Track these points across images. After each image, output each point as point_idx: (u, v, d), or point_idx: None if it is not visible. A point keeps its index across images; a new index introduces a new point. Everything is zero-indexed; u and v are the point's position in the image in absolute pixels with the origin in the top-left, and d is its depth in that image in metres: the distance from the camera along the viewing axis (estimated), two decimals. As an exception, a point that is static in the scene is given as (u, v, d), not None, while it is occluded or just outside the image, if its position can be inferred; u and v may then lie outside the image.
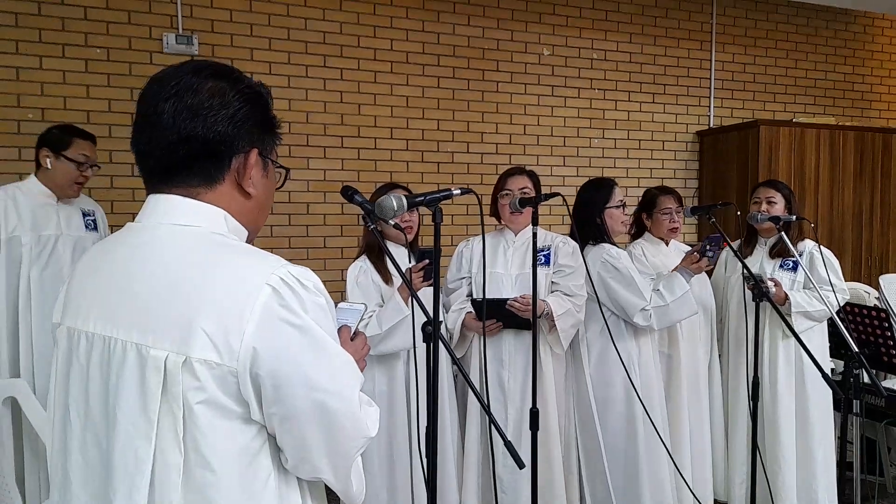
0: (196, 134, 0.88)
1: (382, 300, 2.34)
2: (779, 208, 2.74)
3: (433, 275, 1.62)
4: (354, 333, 1.12)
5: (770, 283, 2.62)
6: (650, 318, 2.52)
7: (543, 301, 2.40)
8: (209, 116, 0.89)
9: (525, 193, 2.49)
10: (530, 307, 2.20)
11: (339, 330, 1.18)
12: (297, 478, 0.92)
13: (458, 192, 1.56)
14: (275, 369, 0.83)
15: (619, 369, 2.48)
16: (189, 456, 0.82)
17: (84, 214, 2.60)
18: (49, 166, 2.45)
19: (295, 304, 0.84)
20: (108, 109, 3.35)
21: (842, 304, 2.70)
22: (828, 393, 2.76)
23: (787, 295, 2.63)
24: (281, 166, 1.01)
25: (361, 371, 1.15)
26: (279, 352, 0.83)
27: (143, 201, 0.96)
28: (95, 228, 2.64)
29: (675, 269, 2.62)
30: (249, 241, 1.00)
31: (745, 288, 2.60)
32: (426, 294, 1.95)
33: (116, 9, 3.35)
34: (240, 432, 0.84)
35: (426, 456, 1.54)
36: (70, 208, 2.55)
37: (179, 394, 0.82)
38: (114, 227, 3.23)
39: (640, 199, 2.99)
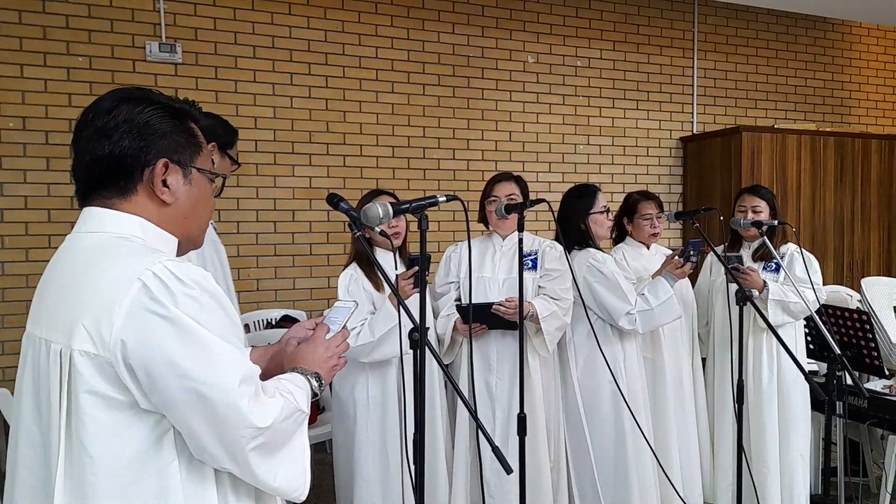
0: (104, 153, 0.97)
1: (374, 307, 2.34)
2: (764, 216, 2.78)
3: (420, 280, 1.62)
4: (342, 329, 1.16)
5: (747, 271, 2.65)
6: (635, 322, 2.54)
7: (529, 303, 2.41)
8: (114, 134, 0.97)
9: (512, 199, 2.50)
10: (517, 310, 2.20)
11: (316, 329, 1.19)
12: (217, 474, 0.95)
13: (444, 198, 1.56)
14: (145, 359, 0.87)
15: (606, 373, 2.49)
16: (72, 441, 0.89)
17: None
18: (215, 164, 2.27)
19: (164, 297, 0.88)
20: (90, 118, 3.32)
21: (820, 303, 2.73)
22: (807, 393, 2.79)
23: (765, 282, 2.67)
24: (213, 173, 1.07)
25: (337, 369, 1.18)
26: (147, 343, 0.87)
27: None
28: (273, 230, 2.45)
29: (659, 273, 2.64)
30: (191, 248, 1.08)
31: (730, 292, 2.62)
32: (415, 301, 1.95)
33: (99, 17, 3.33)
34: (130, 421, 0.90)
35: (413, 462, 1.54)
36: None
37: (66, 383, 0.89)
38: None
39: (621, 203, 3.02)
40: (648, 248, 2.92)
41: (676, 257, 2.58)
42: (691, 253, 2.55)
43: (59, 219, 3.26)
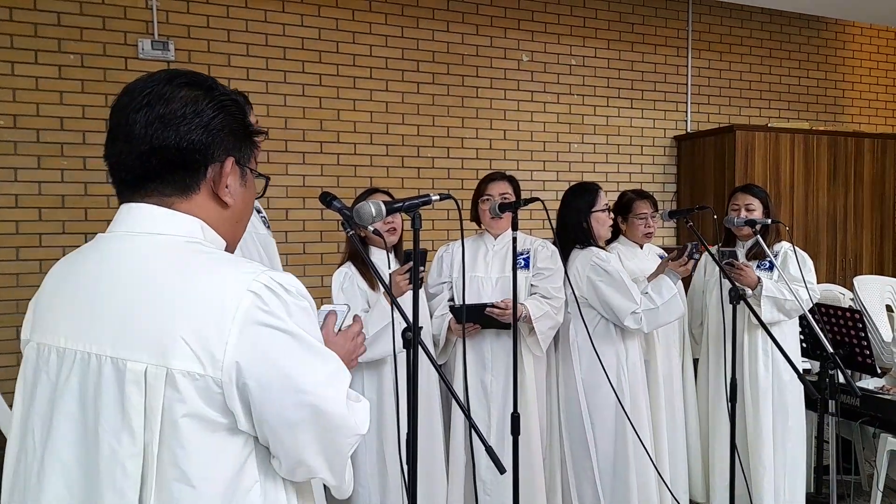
0: (168, 144, 0.86)
1: (368, 305, 2.33)
2: (757, 214, 2.78)
3: (412, 279, 1.61)
4: (339, 332, 1.13)
5: (742, 267, 2.66)
6: (641, 321, 2.53)
7: (522, 304, 2.41)
8: (181, 125, 0.87)
9: (505, 198, 2.50)
10: (510, 311, 2.20)
11: (324, 324, 1.18)
12: (284, 481, 0.90)
13: (437, 197, 1.56)
14: (262, 376, 0.81)
15: (611, 373, 2.51)
16: (166, 470, 0.80)
17: (257, 211, 2.14)
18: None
19: (279, 309, 0.83)
20: (81, 116, 3.30)
21: (814, 301, 2.74)
22: (801, 392, 2.80)
23: (759, 279, 2.67)
24: (260, 174, 1.00)
25: (350, 368, 1.14)
26: (265, 358, 0.81)
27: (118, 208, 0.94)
28: (268, 227, 2.23)
29: (657, 273, 2.64)
30: (229, 251, 0.98)
31: (723, 290, 2.63)
32: (408, 299, 1.94)
33: (90, 14, 3.30)
34: (225, 444, 0.82)
35: (406, 462, 1.53)
36: None
37: (159, 408, 0.79)
38: (88, 236, 3.17)
39: (615, 202, 3.02)
40: (642, 247, 2.93)
41: (683, 256, 2.57)
42: (694, 251, 2.56)
43: (49, 217, 3.24)
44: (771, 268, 2.79)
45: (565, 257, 2.64)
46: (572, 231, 2.66)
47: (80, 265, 0.91)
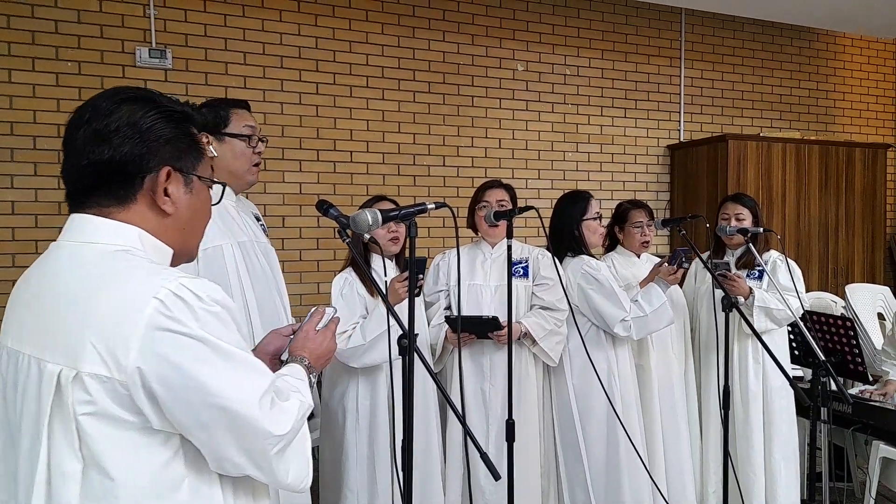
0: (102, 157, 0.92)
1: (367, 312, 2.34)
2: (747, 223, 2.81)
3: (409, 287, 1.63)
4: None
5: (735, 278, 2.68)
6: (630, 329, 2.56)
7: (519, 323, 2.44)
8: (115, 139, 0.92)
9: (502, 206, 2.52)
10: (511, 336, 2.22)
11: (309, 320, 1.20)
12: (222, 478, 0.93)
13: (433, 206, 1.57)
14: (166, 380, 0.84)
15: (602, 379, 2.53)
16: (88, 465, 0.85)
17: (256, 219, 2.08)
18: (215, 154, 1.84)
19: (184, 315, 0.85)
20: (79, 123, 3.31)
21: (804, 310, 2.77)
22: (791, 399, 2.82)
23: (751, 289, 2.70)
24: (213, 181, 1.03)
25: (323, 365, 1.18)
26: (168, 362, 0.84)
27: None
28: (267, 236, 2.14)
29: (648, 280, 2.67)
30: (185, 260, 1.04)
31: (715, 298, 2.65)
32: (404, 306, 1.95)
33: (88, 23, 3.32)
34: (141, 441, 0.87)
35: (402, 469, 1.54)
36: (245, 212, 2.00)
37: (70, 406, 0.84)
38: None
39: (612, 211, 3.05)
40: (639, 256, 2.95)
41: (666, 264, 2.61)
42: (682, 259, 2.59)
43: (46, 224, 3.24)
44: (760, 276, 2.82)
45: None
46: (564, 239, 2.69)
47: (31, 272, 0.98)
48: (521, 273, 2.59)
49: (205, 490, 0.91)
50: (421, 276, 2.18)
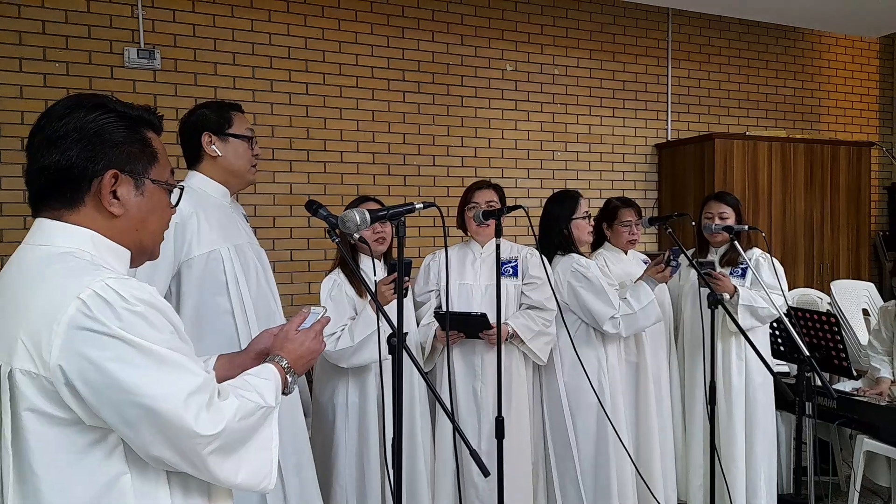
0: (51, 162, 0.95)
1: (356, 313, 2.36)
2: (730, 221, 2.85)
3: (397, 287, 1.64)
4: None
5: (720, 276, 2.72)
6: (619, 326, 2.59)
7: (506, 324, 2.47)
8: (63, 143, 0.94)
9: (491, 206, 2.55)
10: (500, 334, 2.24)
11: (291, 320, 1.21)
12: (168, 475, 0.94)
13: (421, 205, 1.59)
14: (87, 379, 0.86)
15: (592, 376, 2.56)
16: (19, 460, 0.88)
17: (245, 219, 2.06)
18: (219, 153, 1.86)
19: (104, 315, 0.87)
20: (67, 124, 3.30)
21: (787, 307, 2.81)
22: (771, 395, 2.87)
23: (735, 287, 2.74)
24: (168, 184, 1.04)
25: (307, 365, 1.18)
26: (87, 361, 0.86)
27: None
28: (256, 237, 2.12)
29: (641, 277, 2.70)
30: (145, 259, 1.06)
31: (700, 295, 2.69)
32: (393, 306, 1.97)
33: (76, 23, 3.31)
34: (73, 437, 0.89)
35: (392, 466, 1.56)
36: (237, 213, 1.99)
37: (7, 402, 0.88)
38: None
39: (600, 209, 3.07)
40: (626, 253, 2.98)
41: (661, 263, 2.64)
42: (672, 258, 2.63)
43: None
44: (743, 274, 2.86)
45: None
46: (554, 238, 2.72)
47: None
48: (511, 272, 2.61)
49: (149, 488, 0.92)
50: (407, 277, 2.20)
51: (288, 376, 1.12)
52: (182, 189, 1.07)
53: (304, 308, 1.26)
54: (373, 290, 2.12)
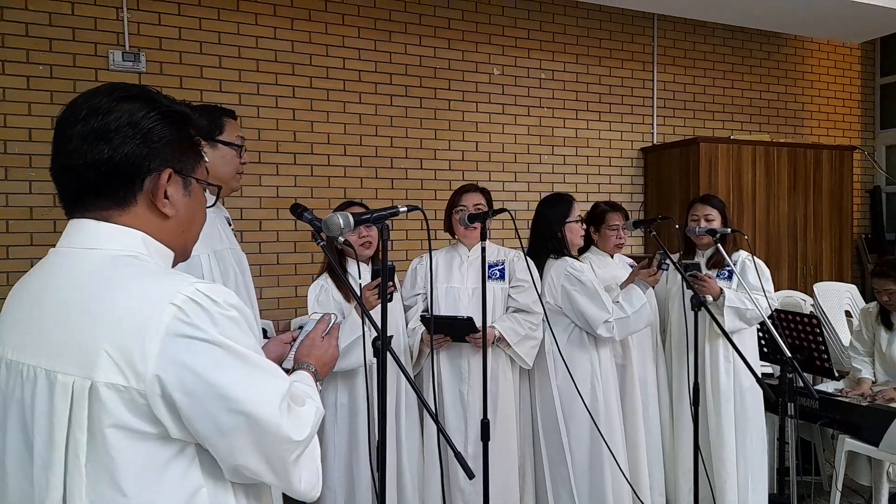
0: (102, 158, 0.88)
1: (343, 317, 2.36)
2: (716, 224, 2.88)
3: (381, 292, 1.65)
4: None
5: (706, 278, 2.74)
6: (613, 330, 2.60)
7: (493, 327, 2.47)
8: (115, 138, 0.88)
9: (479, 209, 2.56)
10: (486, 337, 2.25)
11: (314, 328, 1.21)
12: (234, 484, 0.91)
13: (406, 209, 1.59)
14: (186, 387, 0.82)
15: (585, 380, 2.57)
16: (100, 480, 0.82)
17: (228, 223, 2.05)
18: (207, 158, 1.96)
19: (202, 321, 0.83)
20: (50, 127, 3.24)
21: (772, 309, 2.84)
22: (761, 398, 2.89)
23: (721, 289, 2.76)
24: (210, 183, 1.01)
25: (327, 372, 1.18)
26: (188, 369, 0.82)
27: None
28: (241, 240, 2.10)
29: (628, 282, 2.71)
30: (182, 261, 1.01)
31: (685, 298, 2.71)
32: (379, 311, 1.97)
33: (60, 25, 3.29)
34: (158, 453, 0.84)
35: (376, 469, 1.56)
36: (219, 217, 1.98)
37: (84, 419, 0.81)
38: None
39: (587, 212, 3.09)
40: (612, 256, 3.00)
41: (652, 266, 2.66)
42: (662, 261, 2.65)
43: (17, 229, 3.20)
44: (729, 276, 2.88)
45: (540, 267, 2.69)
46: (546, 241, 2.72)
47: (29, 281, 0.94)
48: (498, 275, 2.62)
49: (221, 497, 0.89)
50: (391, 283, 2.21)
51: (318, 383, 1.12)
52: (220, 188, 1.03)
53: (324, 314, 1.26)
54: (359, 293, 2.12)
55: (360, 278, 1.97)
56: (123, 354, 0.81)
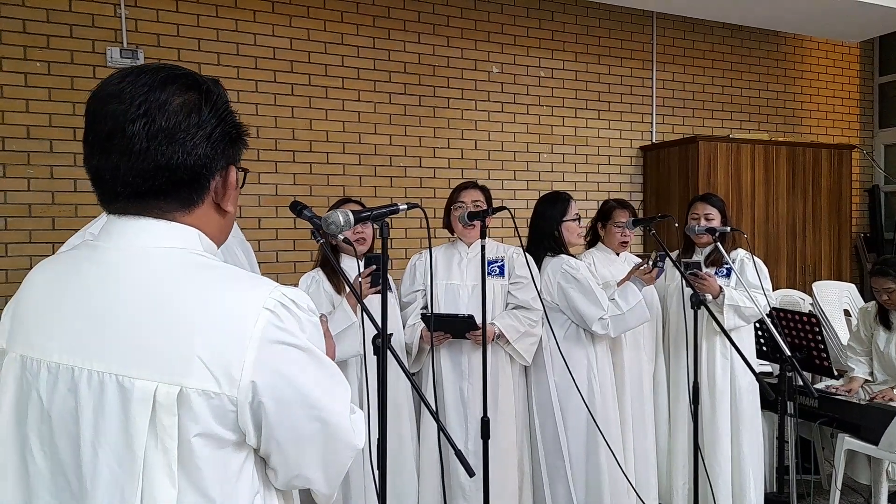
0: (177, 162, 0.82)
1: (333, 308, 2.36)
2: (716, 222, 2.88)
3: (381, 283, 1.64)
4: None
5: (706, 276, 2.74)
6: (608, 327, 2.61)
7: (492, 324, 2.47)
8: (187, 140, 0.82)
9: (478, 206, 2.56)
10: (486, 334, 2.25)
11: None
12: (276, 490, 0.90)
13: (405, 206, 1.59)
14: (278, 394, 0.80)
15: (582, 376, 2.57)
16: (185, 489, 0.78)
17: None
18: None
19: (293, 326, 0.81)
20: (48, 124, 3.26)
21: (770, 307, 2.84)
22: (757, 396, 2.89)
23: (721, 287, 2.76)
24: (244, 169, 0.96)
25: None
26: (281, 375, 0.80)
27: (87, 218, 0.91)
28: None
29: (626, 280, 2.72)
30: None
31: (684, 296, 2.71)
32: (377, 305, 1.97)
33: (57, 22, 3.27)
34: (230, 459, 0.82)
35: (378, 467, 1.56)
36: None
37: (174, 426, 0.77)
38: (55, 245, 3.13)
39: (597, 209, 3.09)
40: (618, 255, 3.00)
41: (647, 265, 2.66)
42: (659, 260, 2.65)
43: (15, 226, 3.19)
44: (728, 274, 2.89)
45: (537, 265, 2.69)
46: (544, 239, 2.73)
47: (74, 277, 0.85)
48: (497, 272, 2.62)
49: (269, 502, 0.88)
50: (374, 267, 2.20)
51: None
52: (247, 171, 0.97)
53: (321, 316, 1.25)
54: (357, 289, 2.11)
55: (358, 275, 1.96)
56: (218, 360, 0.77)
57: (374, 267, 2.17)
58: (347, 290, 2.33)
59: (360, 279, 2.17)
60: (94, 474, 0.79)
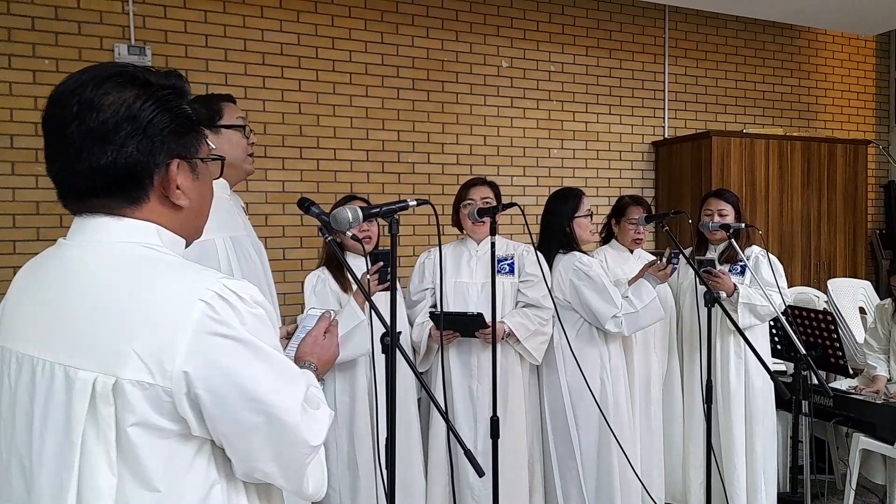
0: (107, 162, 0.83)
1: (340, 306, 2.34)
2: (729, 218, 2.83)
3: (390, 279, 1.62)
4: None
5: (720, 274, 2.70)
6: (621, 325, 2.57)
7: (502, 322, 2.44)
8: (116, 138, 0.82)
9: (487, 203, 2.53)
10: (496, 333, 2.22)
11: (315, 326, 1.18)
12: (245, 483, 0.90)
13: (415, 203, 1.57)
14: (213, 385, 0.80)
15: (595, 375, 2.54)
16: (125, 478, 0.80)
17: (245, 212, 2.03)
18: (213, 146, 1.85)
19: (230, 318, 0.81)
20: (57, 121, 3.26)
21: (785, 305, 2.80)
22: (772, 395, 2.85)
23: (735, 285, 2.72)
24: (214, 158, 0.96)
25: (326, 371, 1.16)
26: (216, 367, 0.80)
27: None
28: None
29: (638, 277, 2.68)
30: (194, 239, 0.98)
31: (698, 294, 2.67)
32: (384, 303, 1.95)
33: (66, 19, 3.27)
34: (179, 449, 0.82)
35: (386, 467, 1.54)
36: (236, 205, 1.96)
37: (111, 416, 0.79)
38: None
39: (609, 205, 3.05)
40: (632, 252, 2.96)
41: (662, 261, 2.63)
42: (673, 257, 2.62)
43: (24, 224, 3.19)
44: (742, 272, 2.84)
45: (548, 262, 2.66)
46: (555, 236, 2.69)
47: (41, 271, 0.90)
48: (507, 270, 2.59)
49: (233, 496, 0.88)
50: (381, 263, 2.17)
51: (321, 382, 1.11)
52: (223, 159, 0.97)
53: (325, 311, 1.24)
54: (364, 286, 2.09)
55: (367, 273, 1.94)
56: (151, 351, 0.79)
57: (382, 263, 2.15)
58: (355, 287, 2.30)
59: (367, 276, 2.15)
60: (40, 461, 0.82)
